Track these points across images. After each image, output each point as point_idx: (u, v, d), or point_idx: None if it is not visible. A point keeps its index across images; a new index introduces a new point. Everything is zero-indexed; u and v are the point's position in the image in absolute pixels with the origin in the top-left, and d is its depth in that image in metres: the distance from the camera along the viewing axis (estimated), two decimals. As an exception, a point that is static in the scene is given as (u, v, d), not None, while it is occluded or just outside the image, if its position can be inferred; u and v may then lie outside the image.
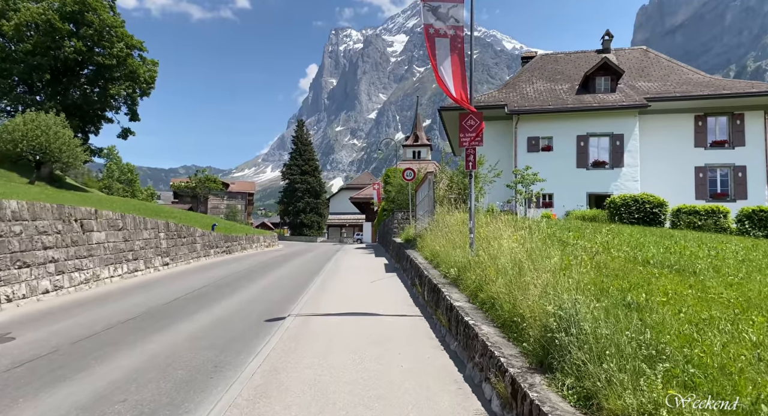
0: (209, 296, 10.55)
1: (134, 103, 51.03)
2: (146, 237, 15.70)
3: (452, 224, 10.93)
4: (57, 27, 42.02)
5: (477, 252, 7.36)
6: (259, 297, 10.40)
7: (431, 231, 12.57)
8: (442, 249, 9.62)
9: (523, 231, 7.69)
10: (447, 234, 10.34)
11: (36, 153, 31.26)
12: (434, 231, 12.16)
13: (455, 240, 9.38)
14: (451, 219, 11.35)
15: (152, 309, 9.01)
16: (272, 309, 8.95)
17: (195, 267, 18.27)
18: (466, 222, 10.72)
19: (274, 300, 9.91)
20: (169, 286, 12.39)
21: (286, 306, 9.13)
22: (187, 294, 10.92)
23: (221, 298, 10.27)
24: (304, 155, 68.92)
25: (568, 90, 26.48)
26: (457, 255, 8.12)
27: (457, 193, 18.58)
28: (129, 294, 11.08)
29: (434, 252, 10.54)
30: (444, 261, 8.95)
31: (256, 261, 20.67)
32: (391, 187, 25.70)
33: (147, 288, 12.01)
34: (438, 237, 11.09)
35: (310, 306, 9.16)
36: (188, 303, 9.61)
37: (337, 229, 73.49)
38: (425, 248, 11.96)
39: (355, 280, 13.06)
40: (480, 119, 7.63)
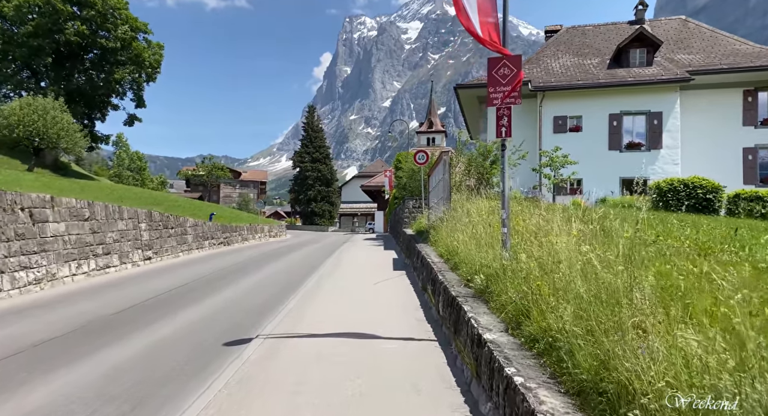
0: (174, 302, 8.57)
1: (140, 88, 49.47)
2: (122, 229, 13.81)
3: (474, 214, 8.77)
4: (58, 8, 40.34)
5: (515, 253, 5.22)
6: (235, 303, 8.40)
7: (447, 222, 10.44)
8: (462, 245, 7.48)
9: (576, 222, 5.51)
10: (468, 226, 8.18)
11: (33, 138, 29.59)
12: (450, 223, 10.03)
13: (479, 236, 7.23)
14: (473, 208, 9.19)
15: (92, 322, 7.05)
16: (242, 323, 6.94)
17: (183, 261, 16.40)
18: (492, 212, 8.55)
19: (251, 309, 7.89)
20: (138, 287, 10.47)
21: (261, 320, 7.10)
22: (151, 298, 8.97)
23: (187, 305, 8.29)
24: (314, 142, 66.82)
25: (598, 64, 23.90)
26: (484, 257, 5.98)
27: (477, 177, 16.40)
28: (82, 298, 9.16)
29: (451, 248, 8.41)
30: (465, 261, 6.83)
31: (254, 254, 18.76)
32: (403, 172, 23.53)
33: (110, 290, 10.10)
34: (456, 229, 8.94)
35: (291, 319, 7.12)
36: (143, 313, 7.64)
37: (349, 218, 71.53)
38: (440, 243, 9.84)
39: (356, 280, 11.00)
40: (517, 66, 5.43)
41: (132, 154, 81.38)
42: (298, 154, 66.41)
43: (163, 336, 6.26)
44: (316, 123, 68.75)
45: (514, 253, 5.39)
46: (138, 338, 6.15)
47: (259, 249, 21.86)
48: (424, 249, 10.49)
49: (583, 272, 3.67)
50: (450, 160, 12.07)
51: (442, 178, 12.01)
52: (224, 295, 9.26)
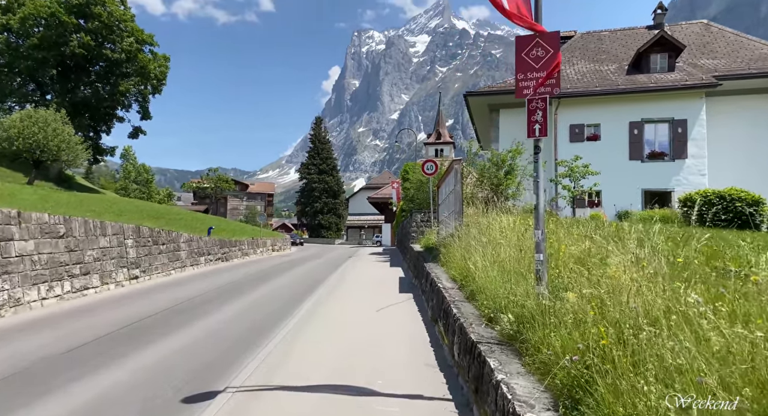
0: (142, 334, 7.36)
1: (145, 100, 48.98)
2: (104, 246, 12.68)
3: (495, 232, 7.52)
4: (63, 20, 39.98)
5: (556, 289, 3.98)
6: (212, 336, 7.18)
7: (460, 239, 9.19)
8: (481, 271, 6.22)
9: (630, 245, 4.25)
10: (487, 247, 6.93)
11: (33, 151, 28.77)
12: (464, 241, 8.78)
13: (503, 260, 5.98)
14: (494, 225, 7.93)
15: (36, 364, 5.86)
16: (214, 364, 5.71)
17: (173, 280, 15.24)
18: (515, 229, 7.30)
19: (229, 345, 6.66)
20: (111, 312, 9.29)
21: (236, 362, 5.85)
22: (121, 327, 7.77)
23: (157, 338, 7.07)
24: (322, 153, 65.99)
25: (616, 70, 22.67)
26: (512, 289, 4.72)
27: (490, 188, 15.16)
28: (44, 328, 7.99)
29: (465, 272, 7.16)
30: (484, 291, 5.57)
31: (251, 272, 17.56)
32: (410, 183, 22.31)
33: (80, 317, 8.92)
34: (471, 249, 7.68)
35: (273, 362, 5.87)
36: (101, 350, 6.43)
37: (356, 231, 70.36)
38: (452, 264, 8.59)
39: (357, 306, 9.73)
40: (554, 46, 4.23)
41: (139, 166, 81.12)
42: (305, 165, 65.57)
43: (111, 385, 5.04)
44: (323, 134, 68.00)
45: (554, 289, 4.13)
46: (78, 391, 4.92)
47: (259, 265, 20.67)
48: (433, 271, 9.23)
49: (696, 335, 2.40)
50: (462, 169, 10.86)
51: (453, 189, 10.79)
52: (203, 325, 8.04)
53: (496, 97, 22.79)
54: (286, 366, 5.64)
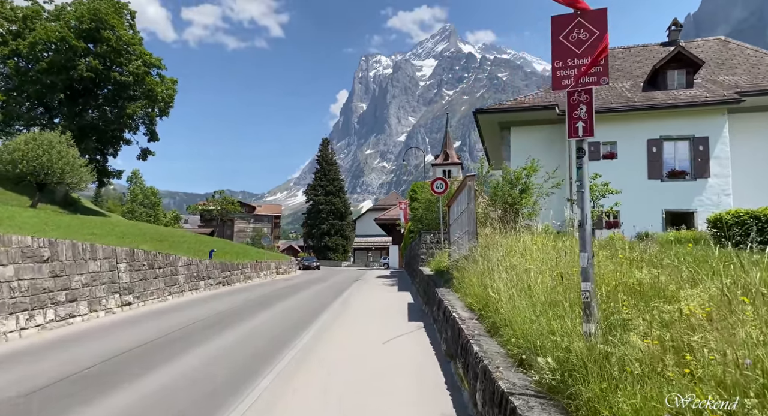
0: (108, 377, 6.50)
1: (152, 122, 48.98)
2: (94, 271, 11.90)
3: (517, 253, 6.66)
4: (72, 45, 40.23)
5: (611, 327, 3.12)
6: (195, 376, 6.31)
7: (476, 262, 8.33)
8: (505, 300, 5.35)
9: (684, 268, 3.39)
10: (510, 271, 6.06)
11: (37, 173, 28.36)
12: (481, 263, 7.93)
13: (532, 286, 5.11)
14: (516, 245, 7.08)
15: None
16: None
17: (169, 306, 14.40)
18: (543, 251, 6.44)
19: (203, 395, 5.78)
20: (94, 345, 8.47)
21: (220, 412, 4.98)
22: (92, 365, 6.92)
23: (126, 380, 6.21)
24: (328, 175, 65.55)
25: (631, 87, 21.97)
26: (549, 326, 3.85)
27: (503, 208, 14.29)
28: (15, 363, 7.17)
29: (485, 300, 6.29)
30: (512, 326, 4.71)
31: (251, 297, 16.69)
32: (419, 203, 21.48)
33: (59, 349, 8.11)
34: (490, 274, 6.82)
35: (261, 408, 4.99)
36: (63, 395, 5.59)
37: (364, 253, 69.33)
38: (467, 290, 7.72)
39: (361, 337, 8.82)
40: (601, 26, 3.44)
41: (146, 189, 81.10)
42: (312, 187, 65.10)
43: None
44: (330, 155, 67.72)
45: (608, 327, 3.27)
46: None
47: (260, 290, 19.79)
48: (446, 297, 8.34)
49: None
50: (476, 185, 10.06)
51: (465, 207, 9.96)
52: (189, 359, 7.17)
53: (506, 114, 22.12)
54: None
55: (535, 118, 22.02)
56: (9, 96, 40.59)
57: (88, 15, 41.15)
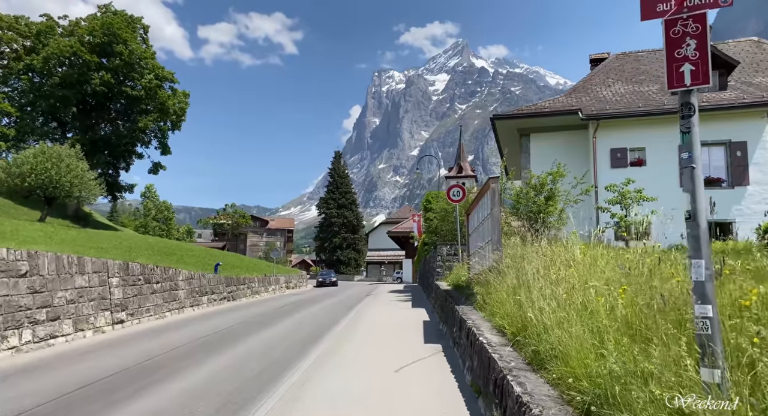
0: (85, 407, 5.43)
1: (164, 136, 48.69)
2: (82, 286, 10.92)
3: (558, 264, 5.49)
4: (85, 59, 40.19)
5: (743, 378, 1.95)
6: (174, 412, 5.21)
7: (503, 275, 7.18)
8: (551, 324, 4.19)
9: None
10: (555, 286, 4.90)
11: (46, 187, 27.79)
12: (509, 277, 6.78)
13: (595, 309, 3.93)
14: (559, 255, 5.91)
15: None
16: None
17: (167, 323, 13.38)
18: (593, 261, 5.28)
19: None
20: (67, 371, 7.44)
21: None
22: (68, 393, 5.86)
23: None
24: (341, 188, 64.71)
25: (659, 91, 20.72)
26: (634, 365, 2.67)
27: (527, 217, 13.10)
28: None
29: (521, 321, 5.13)
30: (566, 359, 3.55)
31: (255, 313, 15.61)
32: (433, 213, 20.29)
33: (23, 377, 7.07)
34: (525, 289, 5.65)
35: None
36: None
37: (376, 267, 68.04)
38: (495, 308, 6.54)
39: (369, 364, 7.63)
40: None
41: (160, 204, 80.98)
42: (324, 200, 64.28)
43: None
44: (342, 168, 66.99)
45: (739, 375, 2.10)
46: None
47: (266, 305, 18.71)
48: (469, 317, 7.15)
49: None
50: (500, 188, 8.92)
51: (489, 214, 8.80)
52: (156, 400, 6.07)
53: (526, 120, 20.99)
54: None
55: (556, 124, 20.85)
56: (23, 111, 40.52)
57: (100, 29, 41.16)
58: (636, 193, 13.80)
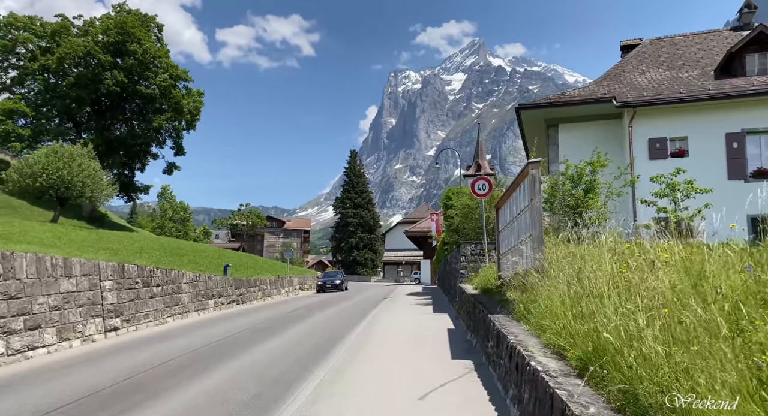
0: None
1: (179, 136, 48.13)
2: (68, 290, 9.84)
3: (638, 266, 4.15)
4: (100, 58, 39.71)
5: None
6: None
7: (550, 278, 5.87)
8: (656, 354, 2.83)
9: None
10: (635, 295, 3.55)
11: (58, 187, 27.12)
12: (559, 280, 5.48)
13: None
14: (627, 255, 4.57)
15: None
16: None
17: (167, 330, 12.27)
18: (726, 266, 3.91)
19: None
20: (37, 390, 6.30)
21: None
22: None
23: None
24: (357, 187, 63.56)
25: (700, 76, 19.04)
26: None
27: (563, 211, 11.67)
28: None
29: (590, 342, 3.80)
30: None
31: (264, 318, 14.45)
32: (456, 210, 18.89)
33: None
34: (591, 299, 4.33)
35: None
36: None
37: (394, 267, 66.71)
38: (544, 319, 5.21)
39: (389, 386, 6.30)
40: None
41: (176, 204, 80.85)
42: (340, 199, 63.22)
43: None
44: (358, 168, 65.84)
45: None
46: None
47: (276, 309, 17.55)
48: (509, 331, 5.81)
49: None
50: (540, 170, 7.57)
51: (527, 205, 7.44)
52: None
53: (554, 109, 19.48)
54: None
55: (587, 113, 19.32)
56: (38, 112, 40.19)
57: (114, 29, 40.65)
58: (686, 184, 12.24)
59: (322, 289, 29.83)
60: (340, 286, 30.61)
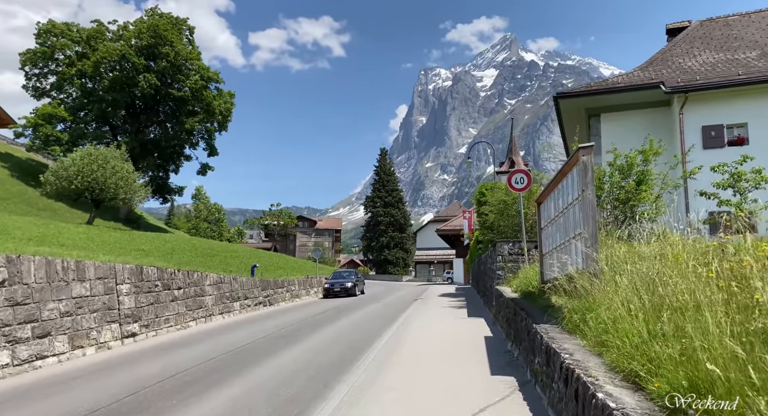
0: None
1: (211, 137, 48.46)
2: (81, 295, 9.36)
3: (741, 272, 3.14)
4: (133, 62, 40.26)
5: None
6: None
7: (610, 284, 4.90)
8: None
9: None
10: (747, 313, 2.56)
11: (93, 189, 27.38)
12: (620, 282, 4.51)
13: None
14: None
15: None
16: None
17: (188, 335, 11.75)
18: None
19: None
20: (34, 408, 5.72)
21: None
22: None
23: None
24: (387, 186, 62.76)
25: (759, 57, 17.37)
26: None
27: (612, 206, 10.55)
28: None
29: (681, 372, 2.82)
30: None
31: (290, 321, 13.81)
32: (489, 207, 17.80)
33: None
34: (669, 312, 3.35)
35: None
36: None
37: (425, 266, 65.59)
38: (606, 334, 4.24)
39: (420, 410, 5.43)
40: None
41: (210, 205, 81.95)
42: (370, 198, 62.56)
43: None
44: (388, 166, 65.03)
45: None
46: None
47: (304, 311, 16.90)
48: (561, 346, 4.84)
49: None
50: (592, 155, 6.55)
51: (577, 198, 6.42)
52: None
53: (596, 97, 18.15)
54: None
55: (631, 101, 17.93)
56: (76, 116, 41.03)
57: (147, 32, 41.09)
58: (755, 173, 10.86)
59: (328, 294, 24.26)
60: (351, 291, 24.58)
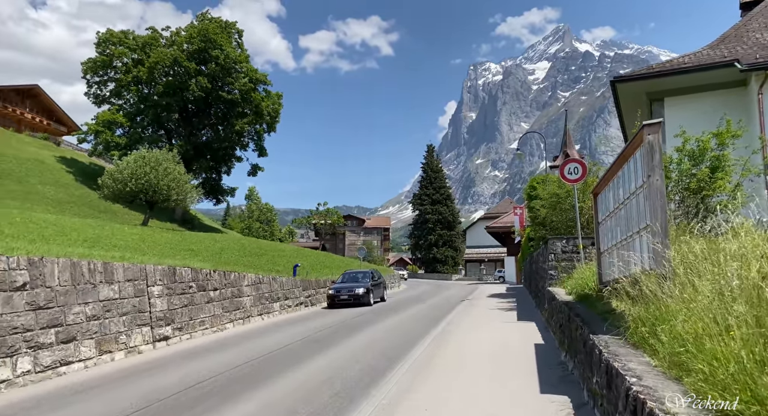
0: None
1: (260, 138, 49.26)
2: (109, 297, 9.11)
3: None
4: (184, 66, 41.41)
5: None
6: None
7: (695, 290, 3.87)
8: None
9: None
10: None
11: (146, 192, 28.22)
12: (701, 286, 3.48)
13: None
14: None
15: None
16: None
17: (226, 337, 11.45)
18: None
19: None
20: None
21: None
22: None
23: None
24: (434, 183, 61.61)
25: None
26: None
27: (682, 195, 9.25)
28: None
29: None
30: None
31: (329, 323, 13.28)
32: (541, 201, 16.55)
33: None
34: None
35: None
36: None
37: (476, 265, 63.90)
38: (686, 355, 3.25)
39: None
40: None
41: (262, 205, 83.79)
42: (417, 196, 61.66)
43: None
44: (436, 163, 63.86)
45: None
46: None
47: (344, 313, 16.32)
48: (627, 366, 3.87)
49: None
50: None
51: (642, 185, 5.37)
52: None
53: (659, 80, 16.44)
54: None
55: (699, 83, 16.09)
56: (133, 121, 42.65)
57: (197, 36, 42.08)
58: None
59: (333, 303, 18.55)
60: (363, 298, 18.41)
